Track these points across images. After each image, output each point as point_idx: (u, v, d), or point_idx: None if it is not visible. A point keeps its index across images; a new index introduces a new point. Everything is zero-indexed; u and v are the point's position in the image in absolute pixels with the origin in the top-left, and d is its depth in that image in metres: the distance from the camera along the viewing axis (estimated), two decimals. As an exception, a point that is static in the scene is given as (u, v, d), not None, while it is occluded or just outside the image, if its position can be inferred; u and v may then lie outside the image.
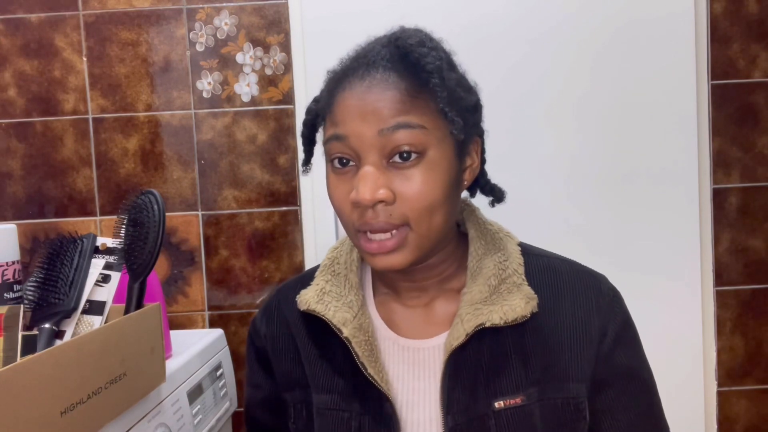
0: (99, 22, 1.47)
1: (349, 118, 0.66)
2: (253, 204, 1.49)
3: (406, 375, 0.73)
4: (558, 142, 1.44)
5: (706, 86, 1.44)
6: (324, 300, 0.74)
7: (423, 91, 0.66)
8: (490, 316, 0.69)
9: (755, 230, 1.46)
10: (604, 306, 0.73)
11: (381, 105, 0.65)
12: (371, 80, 0.66)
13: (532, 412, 0.70)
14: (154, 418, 0.93)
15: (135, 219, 0.85)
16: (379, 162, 0.65)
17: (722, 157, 1.45)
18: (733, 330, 1.47)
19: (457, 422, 0.69)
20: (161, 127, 1.48)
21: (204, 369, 1.21)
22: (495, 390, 0.70)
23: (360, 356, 0.71)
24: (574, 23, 1.43)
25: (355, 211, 0.66)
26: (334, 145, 0.67)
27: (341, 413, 0.72)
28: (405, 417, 0.72)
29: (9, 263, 0.89)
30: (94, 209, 1.49)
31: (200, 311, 1.50)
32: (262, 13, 1.46)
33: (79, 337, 0.70)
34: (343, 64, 0.72)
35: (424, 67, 0.65)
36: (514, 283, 0.72)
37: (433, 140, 0.66)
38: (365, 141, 0.65)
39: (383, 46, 0.69)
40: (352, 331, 0.71)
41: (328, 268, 0.78)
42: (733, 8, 1.43)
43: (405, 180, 0.65)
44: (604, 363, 0.73)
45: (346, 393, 0.73)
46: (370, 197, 0.64)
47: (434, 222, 0.67)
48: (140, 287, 0.86)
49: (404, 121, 0.64)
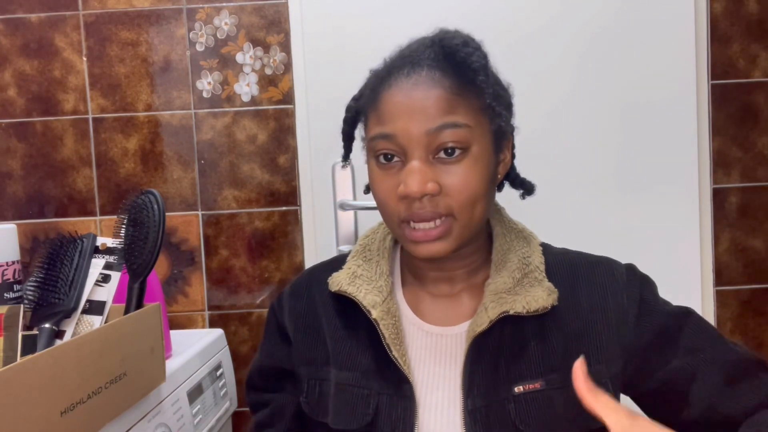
0: (99, 21, 1.47)
1: (396, 116, 0.69)
2: (253, 204, 1.49)
3: (428, 359, 0.76)
4: (557, 142, 1.44)
5: (706, 86, 1.44)
6: (356, 282, 0.78)
7: (467, 89, 0.69)
8: (513, 305, 0.72)
9: (755, 230, 1.46)
10: (618, 290, 0.76)
11: (427, 104, 0.68)
12: (417, 78, 0.69)
13: (552, 396, 0.71)
14: (154, 418, 0.93)
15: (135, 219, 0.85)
16: (425, 157, 0.69)
17: (722, 157, 1.45)
18: (733, 330, 1.47)
19: (477, 405, 0.71)
20: (161, 127, 1.48)
21: (204, 369, 1.21)
22: (515, 375, 0.72)
23: (386, 338, 0.74)
24: (574, 23, 1.43)
25: (401, 203, 0.70)
26: (380, 142, 0.70)
27: (361, 390, 0.75)
28: (424, 399, 0.74)
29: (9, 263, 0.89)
30: (94, 209, 1.49)
31: (200, 311, 1.50)
32: (262, 12, 1.46)
33: (79, 337, 0.70)
34: (387, 63, 0.75)
35: (470, 66, 0.68)
36: (535, 279, 0.75)
37: (476, 137, 0.69)
38: (412, 138, 0.68)
39: (427, 47, 0.71)
40: (380, 314, 0.75)
41: (360, 253, 0.82)
42: (733, 8, 1.43)
43: (450, 174, 0.69)
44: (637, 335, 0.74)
45: (368, 372, 0.76)
46: (419, 189, 0.67)
47: (476, 213, 0.71)
48: (140, 287, 0.86)
49: (451, 121, 0.68)
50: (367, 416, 0.74)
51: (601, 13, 1.42)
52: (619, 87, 1.43)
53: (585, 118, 1.44)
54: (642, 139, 1.43)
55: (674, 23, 1.42)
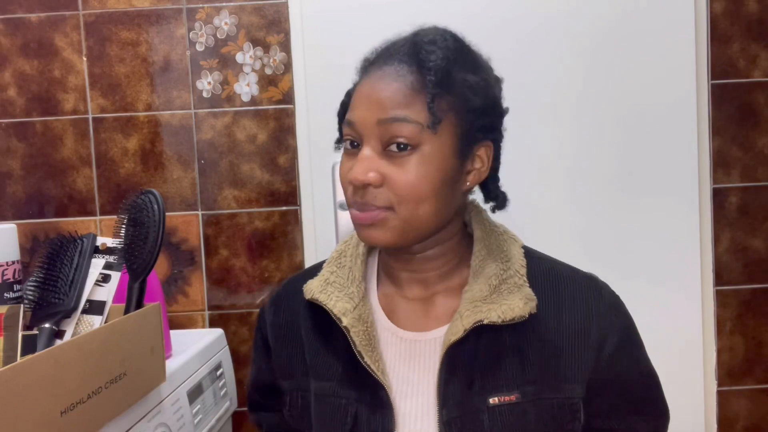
0: (99, 21, 1.47)
1: (359, 105, 0.71)
2: (253, 204, 1.49)
3: (403, 366, 0.75)
4: (557, 142, 1.44)
5: (706, 86, 1.44)
6: (327, 290, 0.77)
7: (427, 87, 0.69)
8: (488, 314, 0.70)
9: (755, 230, 1.46)
10: (604, 311, 0.75)
11: (384, 96, 0.69)
12: (385, 71, 0.71)
13: (527, 410, 0.71)
14: (154, 418, 0.93)
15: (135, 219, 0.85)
16: (376, 147, 0.70)
17: (722, 157, 1.45)
18: (733, 330, 1.47)
19: (452, 415, 0.71)
20: (161, 126, 1.48)
21: (204, 369, 1.21)
22: (490, 386, 0.71)
23: (357, 345, 0.73)
24: (574, 23, 1.42)
25: (349, 188, 0.71)
26: (346, 128, 0.73)
27: (339, 400, 0.74)
28: (400, 406, 0.73)
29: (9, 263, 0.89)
30: (94, 209, 1.49)
31: (200, 311, 1.50)
32: (262, 12, 1.46)
33: (79, 336, 0.70)
34: (373, 53, 0.77)
35: (425, 64, 0.69)
36: (515, 284, 0.73)
37: (428, 136, 0.69)
38: (366, 126, 0.70)
39: (406, 41, 0.73)
40: (351, 321, 0.74)
41: (335, 260, 0.82)
42: (733, 8, 1.43)
43: (396, 168, 0.69)
44: (605, 369, 0.74)
45: (344, 381, 0.75)
46: (361, 178, 0.69)
47: (420, 212, 0.70)
48: (140, 287, 0.86)
49: (402, 115, 0.68)
50: (345, 426, 0.73)
51: (601, 13, 1.42)
52: (619, 87, 1.43)
53: (585, 118, 1.44)
54: (642, 139, 1.43)
55: (674, 23, 1.42)
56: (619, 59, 1.43)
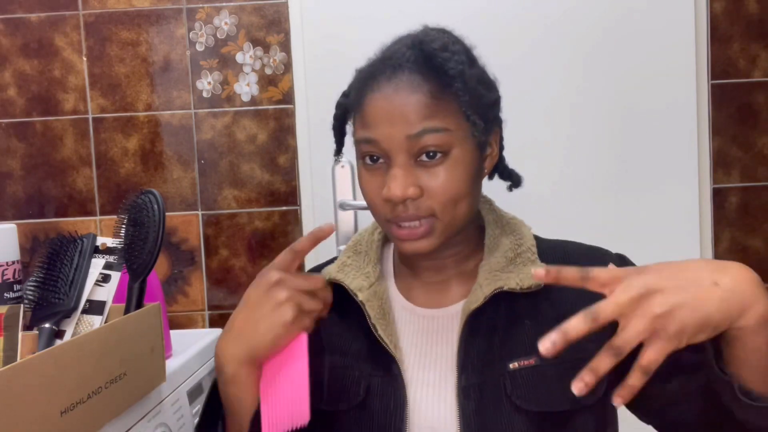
0: (99, 21, 1.47)
1: (379, 121, 0.70)
2: (253, 204, 1.49)
3: (421, 340, 0.77)
4: (557, 141, 1.44)
5: (706, 86, 1.44)
6: (344, 270, 0.80)
7: (447, 92, 0.70)
8: (507, 281, 0.73)
9: (755, 230, 1.46)
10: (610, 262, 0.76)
11: (408, 109, 0.69)
12: (398, 83, 0.70)
13: (546, 372, 0.72)
14: (154, 418, 0.93)
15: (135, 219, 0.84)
16: (407, 161, 0.70)
17: (722, 157, 1.45)
18: (733, 330, 1.47)
19: (471, 381, 0.72)
20: (161, 126, 1.48)
21: (204, 369, 1.21)
22: (509, 351, 0.73)
23: (372, 318, 0.75)
24: (574, 23, 1.43)
25: (386, 205, 0.72)
26: (365, 146, 0.73)
27: (352, 372, 0.76)
28: (415, 377, 0.75)
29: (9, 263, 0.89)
30: (94, 209, 1.49)
31: (200, 311, 1.50)
32: (262, 12, 1.46)
33: (79, 336, 0.70)
34: (370, 64, 0.76)
35: (447, 72, 0.69)
36: (528, 259, 0.77)
37: (457, 140, 0.71)
38: (394, 143, 0.70)
39: (408, 48, 0.72)
40: (367, 296, 0.77)
41: (351, 248, 0.85)
42: (733, 8, 1.43)
43: (431, 176, 0.70)
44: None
45: (359, 354, 0.77)
46: (401, 194, 0.69)
47: (458, 211, 0.72)
48: (140, 287, 0.86)
49: (430, 126, 0.69)
50: (358, 396, 0.75)
51: (602, 13, 1.42)
52: (619, 87, 1.43)
53: (585, 118, 1.44)
54: (642, 139, 1.43)
55: (674, 23, 1.42)
56: (619, 59, 1.43)
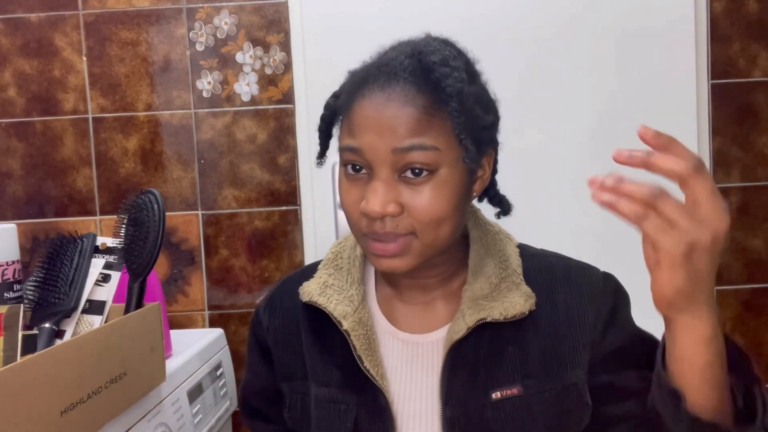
0: (99, 21, 1.47)
1: (365, 131, 0.66)
2: (253, 204, 1.49)
3: (404, 368, 0.75)
4: (557, 141, 1.44)
5: (706, 85, 1.44)
6: (326, 293, 0.76)
7: (441, 110, 0.66)
8: (491, 312, 0.71)
9: (755, 230, 1.46)
10: (596, 294, 0.75)
11: (397, 122, 0.65)
12: (391, 92, 0.66)
13: (530, 402, 0.71)
14: (154, 418, 0.93)
15: (135, 219, 0.85)
16: (390, 176, 0.66)
17: (722, 157, 1.45)
18: (733, 329, 1.47)
19: (455, 413, 0.70)
20: (161, 126, 1.48)
21: (204, 369, 1.21)
22: (493, 381, 0.71)
23: (357, 349, 0.72)
24: (574, 23, 1.42)
25: (363, 218, 0.68)
26: (348, 154, 0.68)
27: (339, 405, 0.74)
28: (402, 409, 0.73)
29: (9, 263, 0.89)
30: (94, 209, 1.49)
31: (200, 311, 1.50)
32: (262, 12, 1.46)
33: (79, 336, 0.70)
34: (364, 68, 0.71)
35: (444, 89, 0.65)
36: (513, 282, 0.74)
37: (445, 159, 0.66)
38: (379, 155, 0.65)
39: (407, 57, 0.67)
40: (351, 324, 0.73)
41: (332, 262, 0.80)
42: (733, 8, 1.43)
43: (414, 194, 0.66)
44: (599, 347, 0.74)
45: (344, 386, 0.74)
46: (380, 210, 0.65)
47: (440, 233, 0.68)
48: (140, 287, 0.86)
49: (419, 143, 0.65)
50: (346, 430, 0.73)
51: (602, 12, 1.42)
52: (619, 87, 1.43)
53: (584, 118, 1.44)
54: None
55: (674, 23, 1.42)
56: (619, 59, 1.43)
